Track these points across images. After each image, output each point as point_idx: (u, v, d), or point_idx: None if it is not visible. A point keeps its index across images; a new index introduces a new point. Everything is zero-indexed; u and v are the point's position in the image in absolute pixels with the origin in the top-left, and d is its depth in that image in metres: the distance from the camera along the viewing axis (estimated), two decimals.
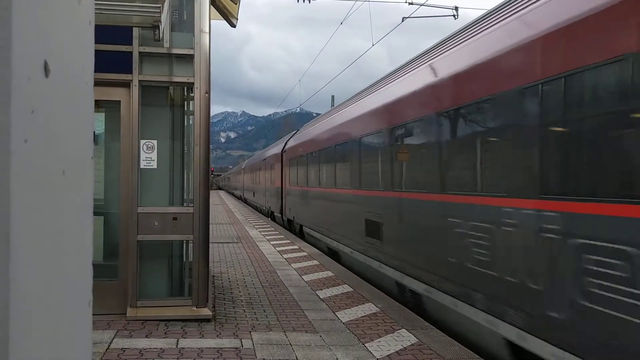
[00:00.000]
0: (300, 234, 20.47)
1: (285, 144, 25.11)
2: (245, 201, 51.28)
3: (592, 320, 4.68)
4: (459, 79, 7.35)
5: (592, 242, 4.71)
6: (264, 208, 32.24)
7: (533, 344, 5.50)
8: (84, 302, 0.99)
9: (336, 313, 8.44)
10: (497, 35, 6.71)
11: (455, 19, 18.71)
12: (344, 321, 7.98)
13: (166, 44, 7.77)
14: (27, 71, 0.73)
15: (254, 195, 41.35)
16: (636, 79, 4.35)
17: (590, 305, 4.69)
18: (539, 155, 5.51)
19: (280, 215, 25.38)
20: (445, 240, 7.50)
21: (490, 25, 7.17)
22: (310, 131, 19.88)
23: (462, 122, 7.35)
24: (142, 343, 6.64)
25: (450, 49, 8.15)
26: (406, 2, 18.04)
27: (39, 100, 0.77)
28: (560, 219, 5.14)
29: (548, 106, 5.42)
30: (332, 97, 45.37)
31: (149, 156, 7.78)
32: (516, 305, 5.82)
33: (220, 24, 9.07)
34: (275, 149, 29.03)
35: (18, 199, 0.71)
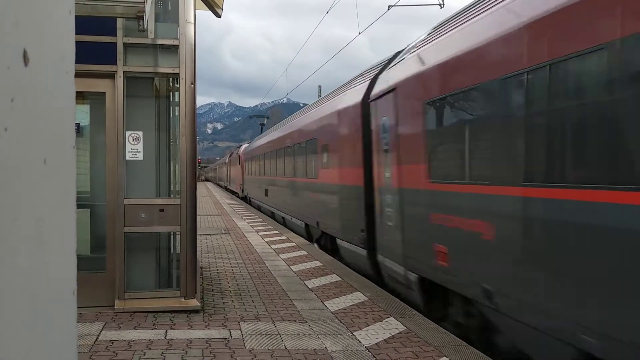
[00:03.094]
0: None
1: None
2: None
3: None
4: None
5: None
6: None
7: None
8: (68, 291, 1.00)
9: (325, 302, 8.48)
10: None
11: (441, 7, 18.69)
12: (332, 310, 8.01)
13: (151, 35, 7.70)
14: (6, 60, 0.73)
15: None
16: None
17: None
18: None
19: None
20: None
21: None
22: None
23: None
24: (130, 335, 6.63)
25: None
26: None
27: (18, 88, 0.77)
28: None
29: None
30: (320, 87, 45.28)
31: (135, 148, 7.74)
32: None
33: (199, 13, 8.97)
34: None
35: None
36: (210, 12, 9.19)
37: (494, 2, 6.48)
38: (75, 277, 1.03)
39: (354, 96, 11.88)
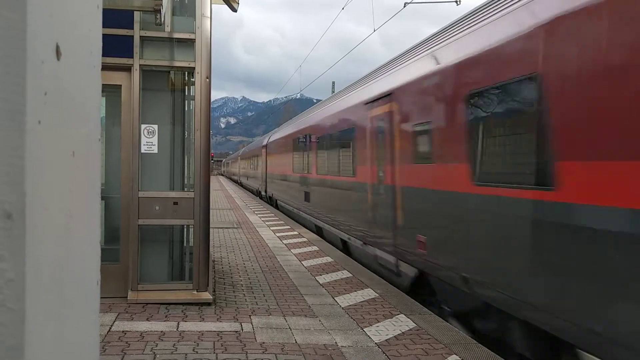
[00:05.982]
0: None
1: None
2: None
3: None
4: None
5: None
6: None
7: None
8: (92, 281, 1.02)
9: (335, 298, 8.50)
10: None
11: (458, 5, 18.60)
12: (343, 306, 8.03)
13: (167, 28, 7.74)
14: (40, 54, 0.75)
15: None
16: None
17: None
18: None
19: None
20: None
21: None
22: None
23: None
24: (143, 326, 6.69)
25: None
26: None
27: (51, 82, 0.78)
28: None
29: None
30: (333, 83, 45.28)
31: (150, 141, 7.79)
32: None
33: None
34: None
35: (32, 179, 0.73)
36: (225, 6, 9.21)
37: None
38: (99, 267, 1.05)
39: None
